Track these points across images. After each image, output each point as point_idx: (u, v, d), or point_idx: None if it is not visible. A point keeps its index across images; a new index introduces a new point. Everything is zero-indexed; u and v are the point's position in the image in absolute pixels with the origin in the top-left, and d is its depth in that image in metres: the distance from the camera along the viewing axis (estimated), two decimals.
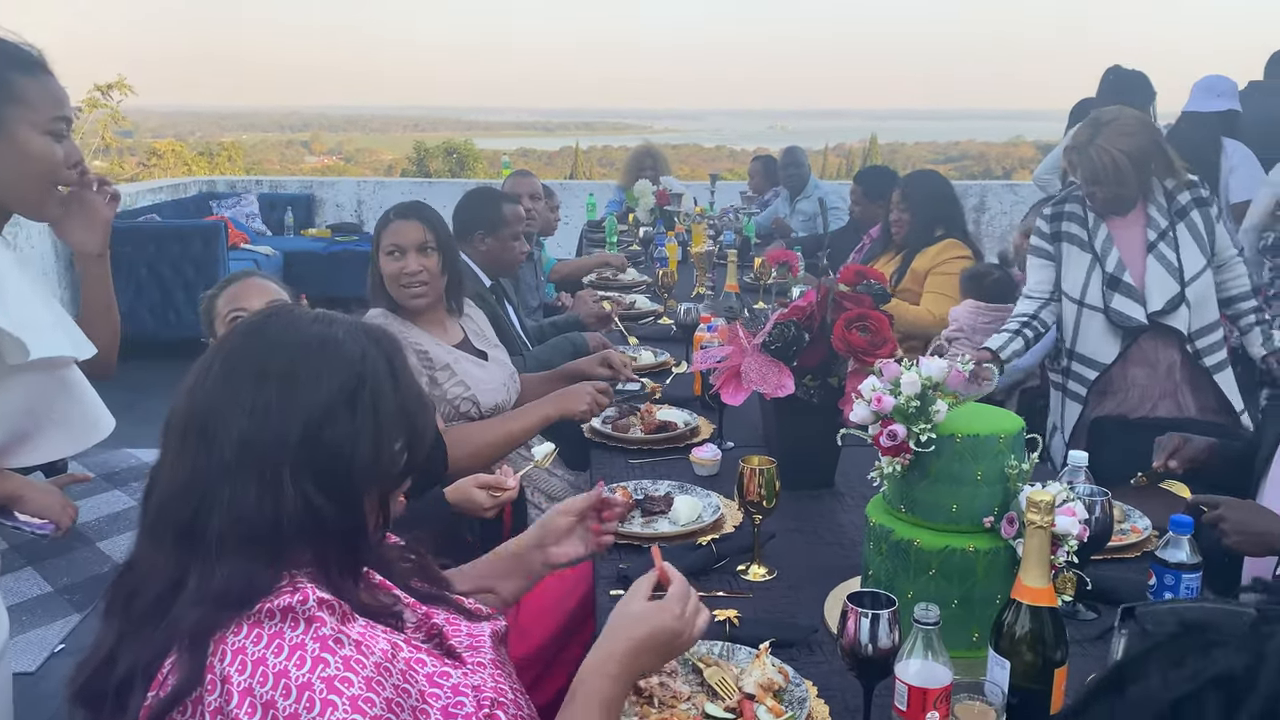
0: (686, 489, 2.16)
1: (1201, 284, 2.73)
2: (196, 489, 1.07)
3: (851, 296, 2.09)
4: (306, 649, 1.00)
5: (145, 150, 20.34)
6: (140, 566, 1.09)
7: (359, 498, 1.13)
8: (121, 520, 4.06)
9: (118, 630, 1.07)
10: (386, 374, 1.15)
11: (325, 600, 1.04)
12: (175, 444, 1.10)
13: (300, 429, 1.08)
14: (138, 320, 6.38)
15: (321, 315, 1.18)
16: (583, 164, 45.42)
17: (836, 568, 1.87)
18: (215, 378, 1.11)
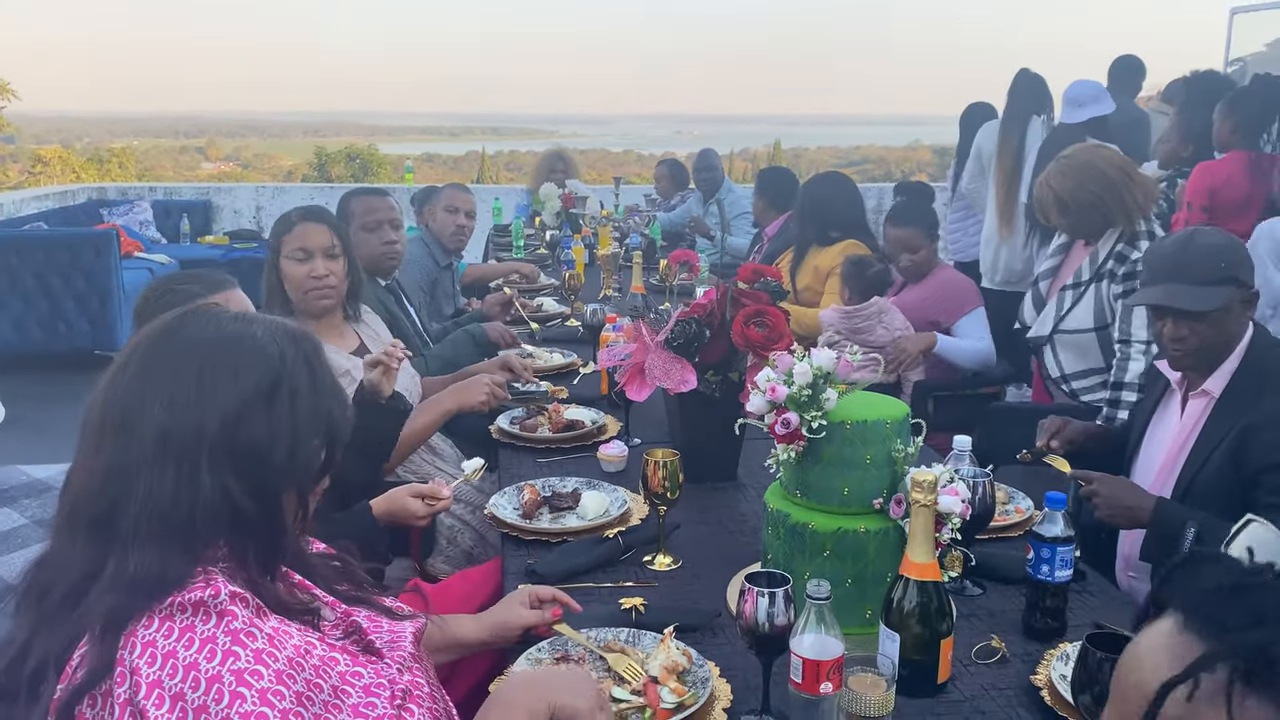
0: (594, 485, 2.20)
1: (1074, 340, 2.90)
2: (113, 481, 1.07)
3: (749, 294, 2.16)
4: (218, 642, 1.01)
5: (29, 157, 19.51)
6: (53, 562, 1.08)
7: (277, 494, 1.14)
8: (12, 539, 3.89)
9: (31, 624, 1.06)
10: (305, 373, 1.17)
11: (238, 594, 1.05)
12: (92, 439, 1.10)
13: (218, 422, 1.09)
14: (25, 333, 6.15)
15: (241, 315, 1.20)
16: (489, 169, 45.15)
17: (739, 555, 1.93)
18: (133, 372, 1.12)
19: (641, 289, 3.76)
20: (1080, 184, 2.83)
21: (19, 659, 1.05)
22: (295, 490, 1.18)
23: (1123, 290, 2.80)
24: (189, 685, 0.98)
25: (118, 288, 6.22)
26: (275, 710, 0.99)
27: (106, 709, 1.00)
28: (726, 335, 2.18)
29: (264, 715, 0.98)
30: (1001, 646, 1.58)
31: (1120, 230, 2.83)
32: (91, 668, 1.01)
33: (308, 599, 1.26)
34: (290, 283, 2.43)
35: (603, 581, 1.83)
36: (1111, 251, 2.84)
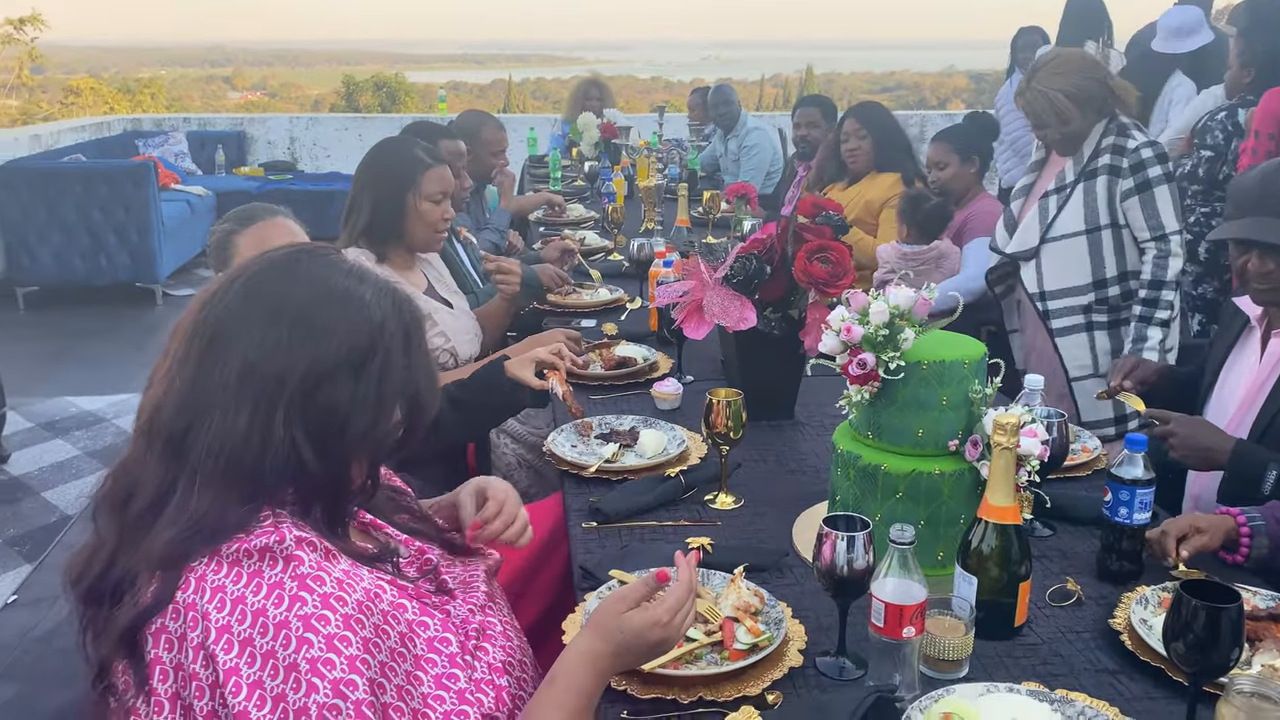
0: (651, 423, 2.18)
1: (1064, 247, 2.75)
2: (191, 402, 1.06)
3: (811, 228, 2.10)
4: (284, 588, 1.01)
5: (61, 88, 19.48)
6: (132, 467, 1.09)
7: (347, 460, 1.13)
8: (66, 469, 3.98)
9: (117, 531, 1.07)
10: (402, 346, 1.14)
11: (304, 539, 1.05)
12: (181, 349, 1.10)
13: (300, 375, 1.07)
14: (67, 265, 6.19)
15: (355, 270, 1.17)
16: (516, 97, 44.60)
17: (801, 495, 1.91)
18: (234, 299, 1.11)
19: (686, 222, 3.70)
20: (1082, 76, 2.70)
21: (107, 568, 1.06)
22: (367, 458, 1.16)
23: (1134, 184, 2.66)
24: (257, 630, 0.98)
25: (156, 220, 6.23)
26: (342, 656, 0.99)
27: (182, 652, 1.00)
28: (787, 271, 2.13)
29: (330, 661, 0.98)
30: (1077, 589, 1.56)
31: (1106, 122, 2.71)
32: (153, 598, 1.02)
33: (383, 539, 1.25)
34: (424, 221, 2.48)
35: (665, 520, 1.82)
36: (1099, 147, 2.71)
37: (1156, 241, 2.64)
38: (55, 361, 5.32)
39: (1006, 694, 1.27)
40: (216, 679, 0.97)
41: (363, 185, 2.50)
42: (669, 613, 1.16)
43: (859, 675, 1.36)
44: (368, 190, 2.47)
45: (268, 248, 1.20)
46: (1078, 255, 2.74)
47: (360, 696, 0.97)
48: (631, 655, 1.17)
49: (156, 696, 1.00)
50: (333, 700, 0.96)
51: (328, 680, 0.97)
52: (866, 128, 3.82)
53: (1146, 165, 2.65)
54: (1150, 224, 2.65)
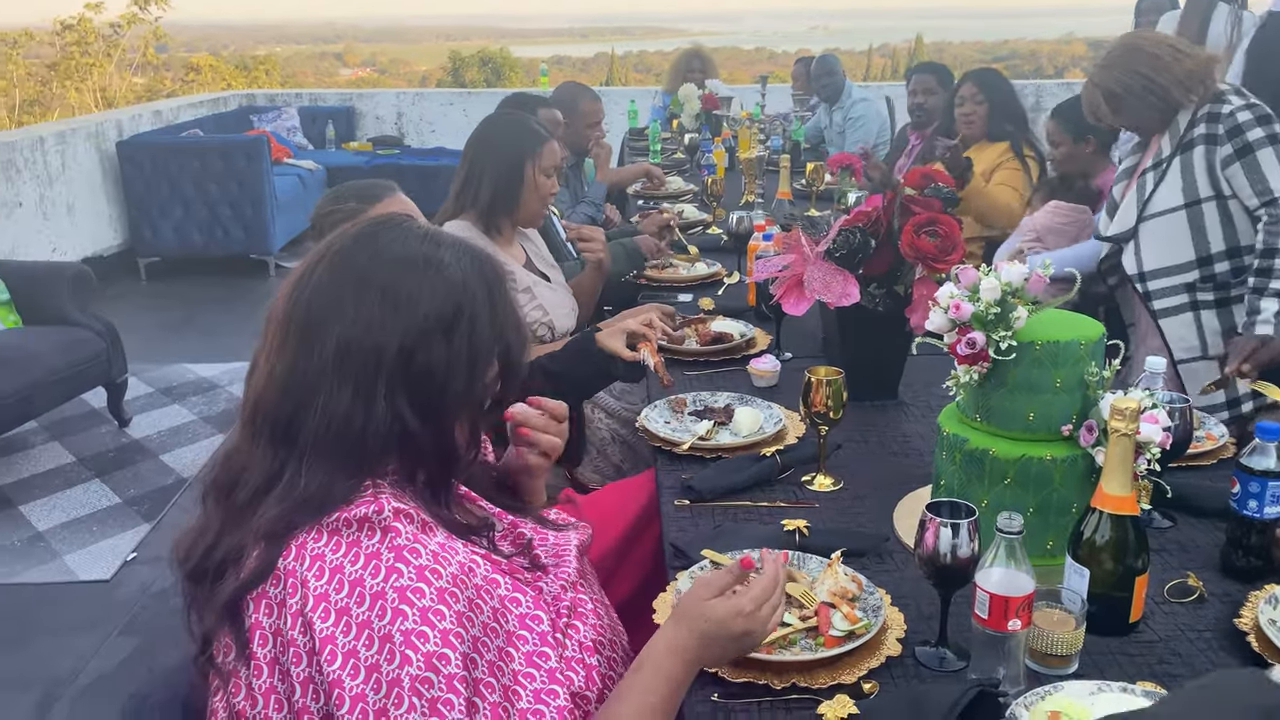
0: (746, 400, 2.14)
1: (1163, 224, 2.59)
2: (294, 388, 1.08)
3: (919, 200, 2.02)
4: (381, 558, 1.01)
5: (182, 66, 20.23)
6: (238, 459, 1.11)
7: (449, 422, 1.14)
8: (182, 434, 4.14)
9: (221, 515, 1.10)
10: (486, 303, 1.15)
11: (402, 510, 1.05)
12: (277, 337, 1.12)
13: (396, 346, 1.09)
14: (186, 238, 6.43)
15: (430, 234, 1.18)
16: (619, 70, 44.62)
17: (903, 478, 1.85)
18: (320, 280, 1.12)
19: (788, 194, 3.62)
20: (1125, 69, 2.56)
21: (211, 548, 1.08)
22: (468, 418, 1.17)
23: (1233, 150, 2.47)
24: (354, 600, 0.99)
25: (270, 194, 6.41)
26: (436, 629, 0.99)
27: (281, 619, 1.02)
28: (893, 246, 2.05)
29: (424, 634, 0.98)
30: (1199, 585, 1.47)
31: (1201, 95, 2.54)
32: (254, 570, 1.04)
33: (480, 513, 1.25)
34: (538, 194, 2.50)
35: (760, 500, 1.78)
36: (1195, 117, 2.54)
37: (1266, 207, 2.45)
38: (174, 330, 5.54)
39: (1120, 694, 1.20)
40: (313, 646, 0.98)
41: (480, 158, 2.50)
42: (753, 603, 1.12)
43: (960, 667, 1.31)
44: (486, 163, 2.48)
45: None
46: (1178, 231, 2.58)
47: (453, 670, 0.98)
48: (717, 645, 1.13)
49: (256, 660, 1.02)
50: (425, 673, 0.96)
51: (421, 653, 0.97)
52: (984, 92, 3.69)
53: (1245, 129, 2.47)
54: (1257, 189, 2.46)
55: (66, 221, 5.97)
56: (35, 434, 4.08)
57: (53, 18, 16.87)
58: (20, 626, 2.87)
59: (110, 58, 16.75)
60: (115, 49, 16.85)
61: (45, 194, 5.77)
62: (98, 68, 16.63)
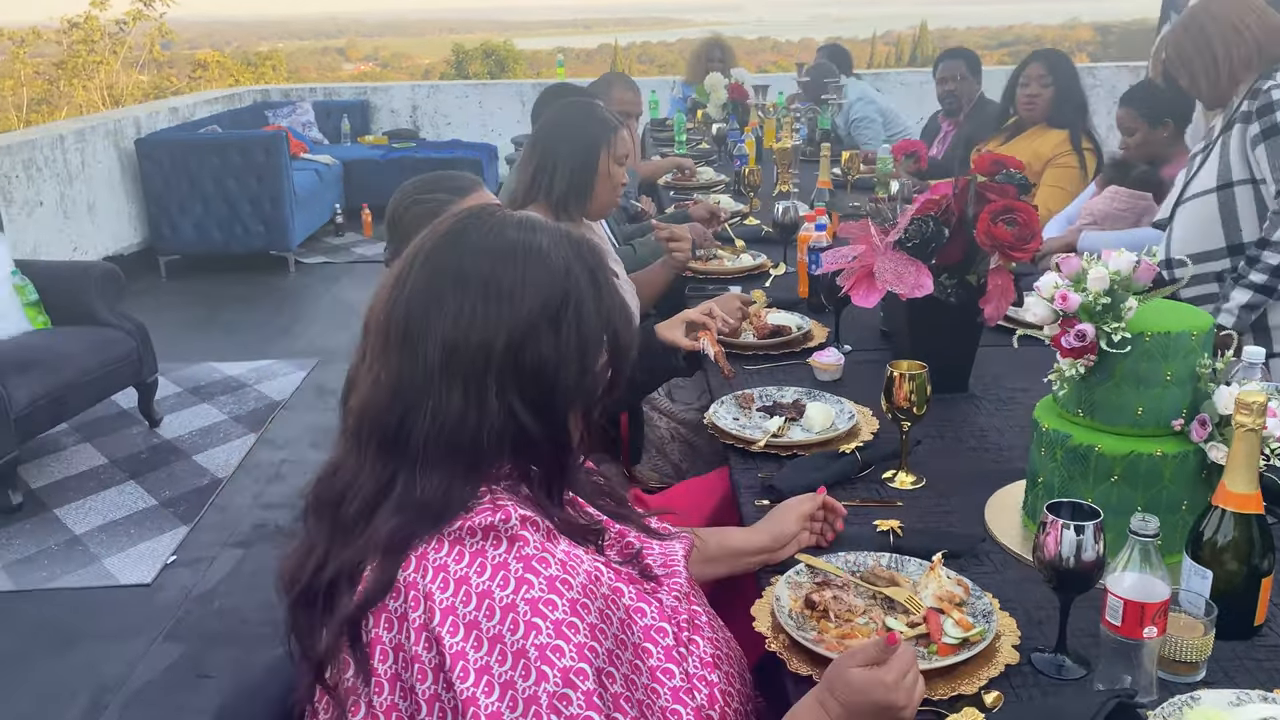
0: (815, 395, 2.08)
1: (1196, 207, 2.46)
2: (401, 397, 1.04)
3: (994, 187, 1.96)
4: (510, 569, 0.97)
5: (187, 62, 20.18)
6: (345, 473, 1.06)
7: (563, 414, 1.09)
8: (214, 434, 4.10)
9: (328, 533, 1.05)
10: (590, 288, 1.10)
11: (528, 518, 1.01)
12: (378, 347, 1.07)
13: (504, 341, 1.04)
14: (206, 235, 6.38)
15: (524, 221, 1.12)
16: (622, 61, 44.47)
17: (984, 473, 1.79)
18: (417, 282, 1.07)
19: (828, 183, 3.55)
20: (1189, 37, 2.45)
21: (320, 568, 1.04)
22: (581, 411, 1.12)
23: (1260, 129, 2.32)
24: (483, 614, 0.94)
25: (289, 189, 6.36)
26: (571, 643, 0.94)
27: (403, 633, 0.97)
28: (966, 234, 1.99)
29: (559, 649, 0.93)
30: None
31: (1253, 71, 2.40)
32: (374, 585, 0.99)
33: (589, 519, 1.21)
34: (611, 183, 2.48)
35: (841, 499, 1.72)
36: (1245, 92, 2.40)
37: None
38: (198, 328, 5.49)
39: (1262, 704, 1.14)
40: (440, 662, 0.94)
41: (554, 147, 2.47)
42: (894, 674, 1.05)
43: (1082, 675, 1.25)
44: (561, 152, 2.44)
45: None
46: (1209, 216, 2.44)
47: (590, 686, 0.93)
48: (860, 713, 1.05)
49: (377, 677, 0.97)
50: (563, 690, 0.92)
51: (557, 668, 0.92)
52: (1051, 74, 3.61)
53: (1276, 108, 2.31)
54: (1276, 175, 2.31)
55: (87, 220, 5.92)
56: (66, 435, 4.03)
57: (59, 16, 16.84)
58: (63, 632, 2.83)
59: (116, 55, 16.71)
60: (121, 46, 16.80)
61: (66, 192, 5.72)
62: (104, 65, 16.59)
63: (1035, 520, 1.56)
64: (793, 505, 1.54)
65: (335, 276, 6.44)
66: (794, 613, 1.36)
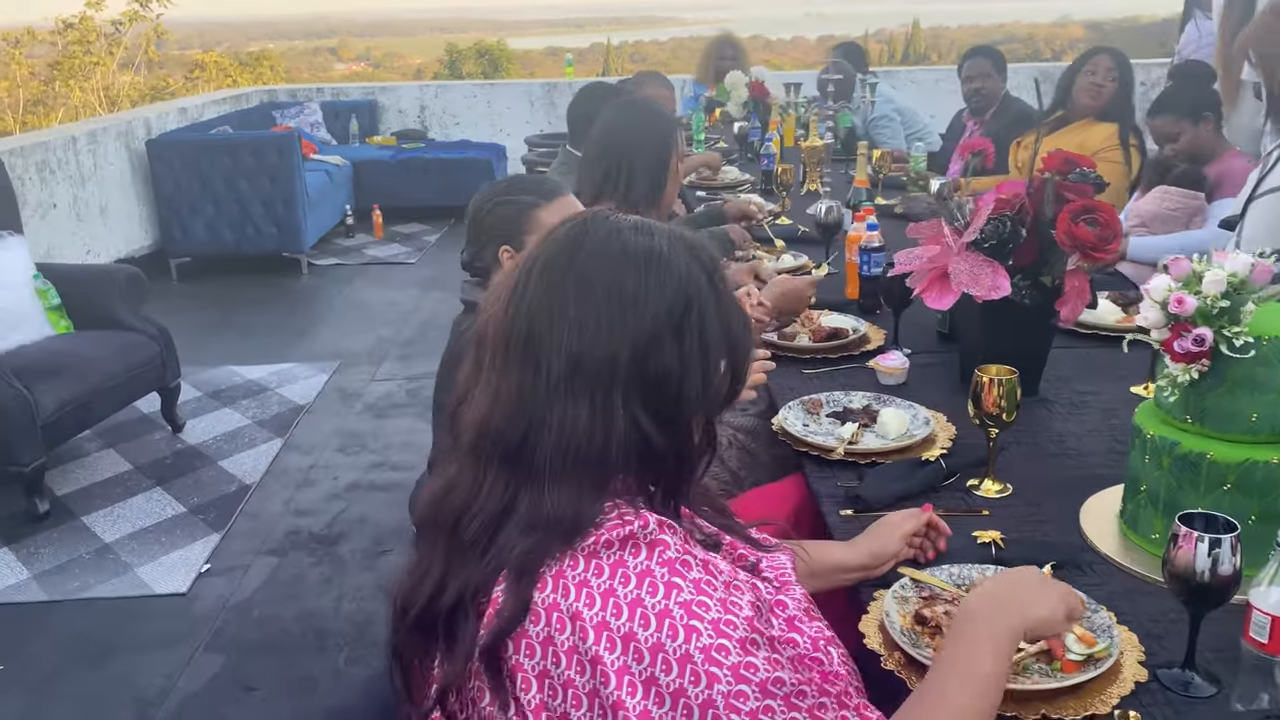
0: (885, 400, 2.04)
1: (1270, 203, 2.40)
2: (524, 412, 1.00)
3: (1072, 186, 1.92)
4: (655, 575, 0.94)
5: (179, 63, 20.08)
6: (461, 490, 1.02)
7: (688, 424, 1.05)
8: (238, 438, 4.04)
9: (444, 555, 1.01)
10: (710, 293, 1.06)
11: (666, 523, 0.98)
12: (497, 357, 1.03)
13: (629, 351, 1.00)
14: (218, 236, 6.32)
15: (641, 224, 1.08)
16: (614, 61, 44.42)
17: (1070, 480, 1.75)
18: (535, 292, 1.03)
19: (865, 182, 3.52)
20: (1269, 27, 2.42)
21: (438, 592, 0.99)
22: (703, 418, 1.08)
23: None
24: (638, 624, 0.91)
25: (302, 190, 6.30)
26: (733, 640, 0.91)
27: (548, 659, 0.92)
28: (1040, 234, 1.96)
29: (724, 648, 0.91)
30: None
31: None
32: (510, 610, 0.94)
33: (705, 529, 1.17)
34: (675, 181, 2.49)
35: None
36: None
37: None
38: (214, 332, 5.43)
39: None
40: (596, 685, 0.90)
41: (626, 147, 2.45)
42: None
43: (1212, 693, 1.21)
44: (636, 151, 2.43)
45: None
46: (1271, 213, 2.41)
47: (763, 676, 0.91)
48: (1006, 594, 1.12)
49: (521, 706, 0.93)
50: (737, 687, 0.89)
51: (726, 667, 0.90)
52: (1118, 70, 3.62)
53: None
54: None
55: (99, 222, 5.86)
56: (89, 441, 3.97)
57: (53, 16, 16.73)
58: (100, 643, 2.77)
59: (113, 56, 16.61)
60: (117, 47, 16.70)
61: (78, 195, 5.66)
62: (100, 66, 16.49)
63: (1135, 529, 1.53)
64: (895, 523, 1.49)
65: (349, 278, 6.38)
66: (905, 629, 1.32)
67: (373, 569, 3.07)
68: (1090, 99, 3.64)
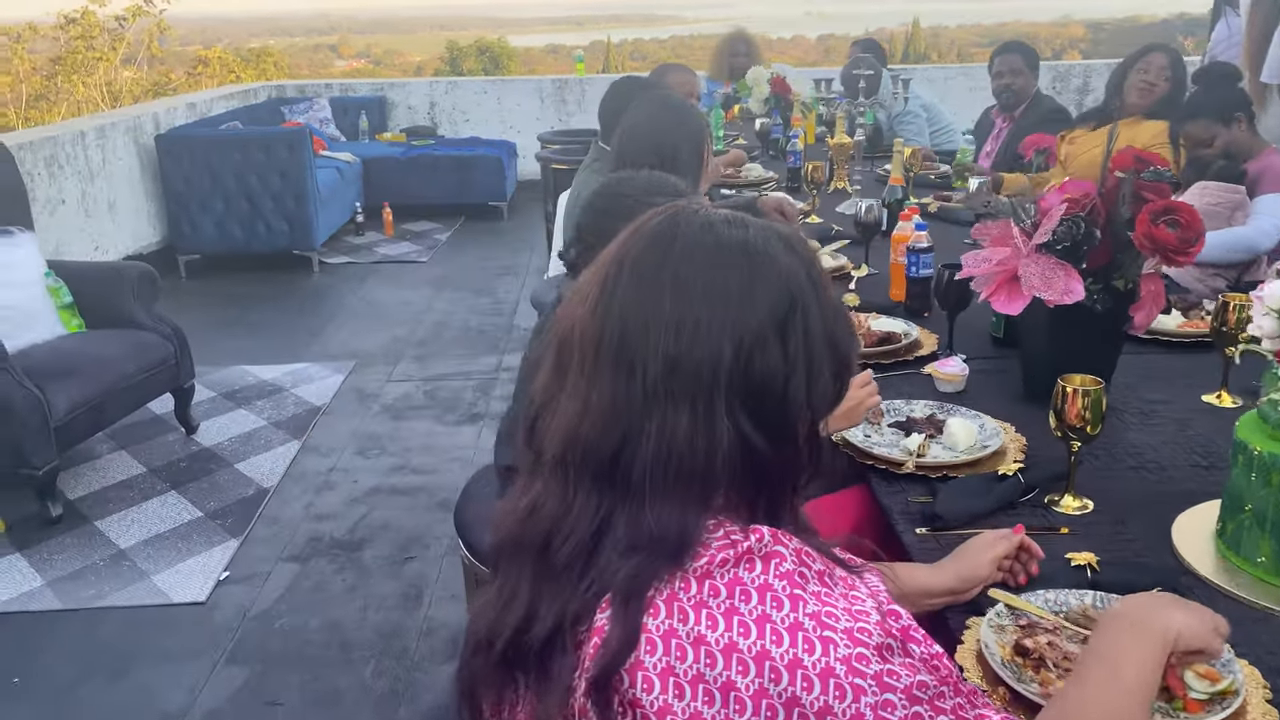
0: (949, 409, 1.95)
1: None
2: (619, 420, 0.91)
3: (1150, 186, 1.83)
4: (775, 588, 0.86)
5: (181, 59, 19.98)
6: (548, 509, 0.93)
7: (794, 431, 0.96)
8: (254, 440, 3.95)
9: (532, 581, 0.93)
10: (810, 289, 0.97)
11: (778, 533, 0.90)
12: (586, 365, 0.94)
13: (731, 355, 0.91)
14: (227, 233, 6.23)
15: (734, 217, 0.99)
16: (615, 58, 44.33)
17: (1154, 495, 1.66)
18: (625, 290, 0.94)
19: (901, 180, 3.42)
20: None
21: (527, 622, 0.91)
22: (809, 423, 0.98)
23: None
24: (769, 641, 0.83)
25: (313, 187, 6.21)
26: (870, 648, 0.85)
27: (668, 692, 0.84)
28: (1113, 236, 1.86)
29: (863, 656, 0.84)
30: None
31: None
32: (619, 640, 0.86)
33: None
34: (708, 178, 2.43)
35: (1003, 526, 1.59)
36: None
37: None
38: (225, 330, 5.34)
39: None
40: (735, 710, 0.82)
41: (671, 140, 2.37)
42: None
43: None
44: (676, 147, 2.34)
45: None
46: None
47: (906, 682, 0.84)
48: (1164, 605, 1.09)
49: None
50: (883, 696, 0.83)
51: (869, 677, 0.83)
52: (1172, 70, 3.54)
53: None
54: None
55: (108, 219, 5.76)
56: (101, 443, 3.88)
57: (55, 11, 16.63)
58: (118, 654, 2.68)
59: (115, 51, 16.52)
60: (120, 42, 16.61)
61: (87, 190, 5.56)
62: (103, 62, 16.39)
63: (1238, 551, 1.44)
64: (984, 545, 1.40)
65: (361, 277, 6.28)
66: (1006, 660, 1.23)
67: (397, 577, 2.98)
68: (1140, 97, 3.57)
